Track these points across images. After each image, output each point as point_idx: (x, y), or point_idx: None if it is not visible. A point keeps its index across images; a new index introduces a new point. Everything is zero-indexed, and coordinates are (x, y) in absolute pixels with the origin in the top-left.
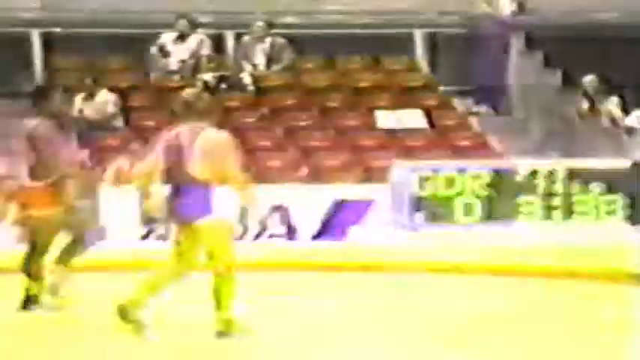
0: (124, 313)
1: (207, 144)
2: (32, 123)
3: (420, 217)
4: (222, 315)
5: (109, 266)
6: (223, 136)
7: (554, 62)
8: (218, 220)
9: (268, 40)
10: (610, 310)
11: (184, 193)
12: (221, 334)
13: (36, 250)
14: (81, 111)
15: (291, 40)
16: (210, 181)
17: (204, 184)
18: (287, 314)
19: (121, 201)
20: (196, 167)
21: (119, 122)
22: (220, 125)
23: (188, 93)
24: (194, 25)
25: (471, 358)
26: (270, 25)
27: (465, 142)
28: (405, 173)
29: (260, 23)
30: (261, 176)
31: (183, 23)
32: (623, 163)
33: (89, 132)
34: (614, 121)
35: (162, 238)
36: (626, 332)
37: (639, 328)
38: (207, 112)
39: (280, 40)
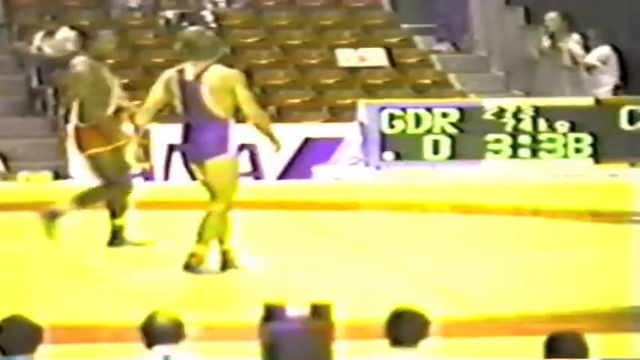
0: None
1: (215, 81)
2: (80, 62)
3: (388, 155)
4: (198, 249)
5: None
6: (231, 72)
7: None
8: (230, 159)
9: None
10: (575, 248)
11: (201, 130)
12: (189, 267)
13: (106, 187)
14: (40, 48)
15: None
16: (225, 117)
17: (221, 121)
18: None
19: None
20: (210, 103)
21: None
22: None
23: (190, 31)
24: None
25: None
26: None
27: (426, 80)
28: (372, 111)
29: None
30: None
31: None
32: (586, 101)
33: (49, 69)
34: (574, 59)
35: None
36: (592, 269)
37: (603, 265)
38: (211, 50)
39: None
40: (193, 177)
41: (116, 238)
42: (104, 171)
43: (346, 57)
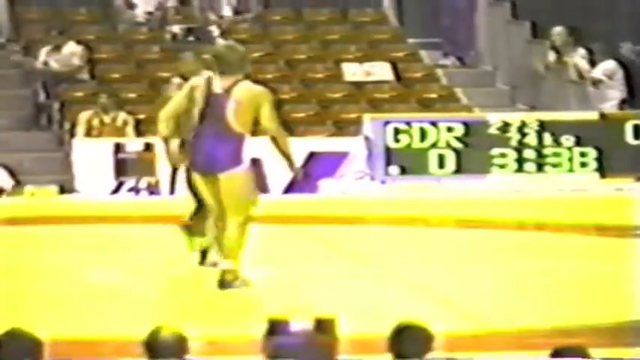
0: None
1: (244, 96)
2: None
3: (393, 169)
4: (229, 265)
5: (79, 219)
6: (260, 89)
7: (522, 14)
8: (244, 173)
9: None
10: (580, 262)
11: (217, 143)
12: (224, 284)
13: (200, 207)
14: (46, 63)
15: None
16: (244, 132)
17: (238, 135)
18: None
19: (93, 154)
20: (234, 118)
21: (85, 75)
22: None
23: (221, 45)
24: None
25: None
26: None
27: (432, 95)
28: (377, 126)
29: None
30: None
31: None
32: (591, 116)
33: (55, 84)
34: (580, 73)
35: (134, 190)
36: (596, 283)
37: (608, 279)
38: (240, 65)
39: None
40: (191, 186)
41: (205, 257)
42: None
43: (352, 71)
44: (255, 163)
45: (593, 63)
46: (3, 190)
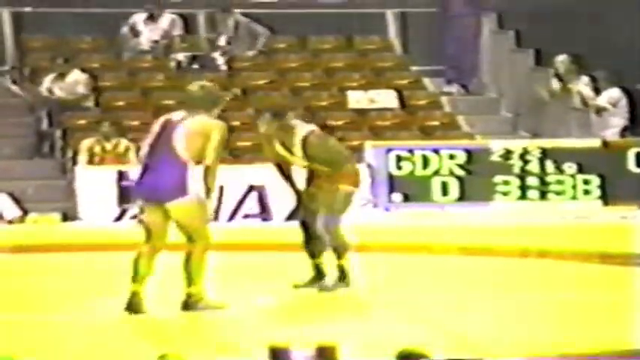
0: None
1: (196, 124)
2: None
3: (396, 196)
4: (192, 290)
5: (82, 246)
6: (214, 121)
7: (526, 42)
8: (193, 201)
9: (231, 21)
10: (584, 290)
11: (161, 170)
12: (188, 305)
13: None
14: (50, 90)
15: (263, 19)
16: (188, 161)
17: (182, 164)
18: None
19: (96, 181)
20: (180, 144)
21: (90, 102)
22: None
23: (194, 86)
24: (163, 6)
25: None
26: (225, 9)
27: (435, 122)
28: (380, 153)
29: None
30: (234, 156)
31: (150, 5)
32: (593, 143)
33: (59, 112)
34: (584, 100)
35: (137, 218)
36: (600, 311)
37: (612, 307)
38: (214, 104)
39: (243, 19)
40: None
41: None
42: None
43: (357, 99)
44: (257, 189)
45: (596, 90)
46: (10, 220)
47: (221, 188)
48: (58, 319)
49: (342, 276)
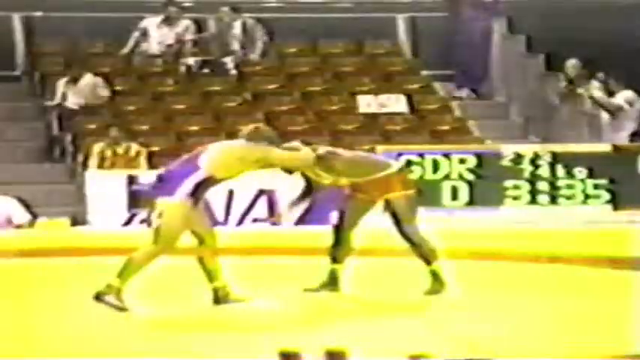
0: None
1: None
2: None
3: None
4: (217, 284)
5: (92, 251)
6: (238, 144)
7: (536, 46)
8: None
9: (238, 24)
10: (594, 295)
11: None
12: (219, 299)
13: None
14: (64, 95)
15: (273, 24)
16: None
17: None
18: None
19: (106, 185)
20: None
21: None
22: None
23: (246, 129)
24: (182, 10)
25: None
26: (236, 9)
27: (445, 127)
28: (390, 157)
29: (225, 8)
30: None
31: (173, 8)
32: (604, 147)
33: (71, 117)
34: (598, 103)
35: (147, 222)
36: (610, 316)
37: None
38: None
39: (250, 22)
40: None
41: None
42: None
43: (367, 103)
44: (266, 194)
45: (610, 94)
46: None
47: (230, 192)
48: (67, 324)
49: (436, 280)
